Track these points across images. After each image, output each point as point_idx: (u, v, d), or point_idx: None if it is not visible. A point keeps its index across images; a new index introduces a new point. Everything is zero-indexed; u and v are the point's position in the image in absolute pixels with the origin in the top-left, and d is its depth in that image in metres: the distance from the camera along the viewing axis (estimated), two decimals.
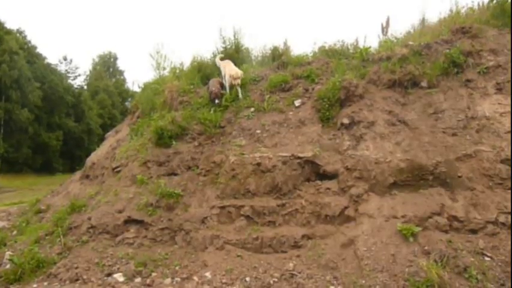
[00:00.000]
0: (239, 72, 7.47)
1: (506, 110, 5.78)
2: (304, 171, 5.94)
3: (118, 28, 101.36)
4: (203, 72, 8.71)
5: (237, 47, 9.21)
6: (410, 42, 7.27)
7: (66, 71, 49.01)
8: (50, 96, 39.21)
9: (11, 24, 60.17)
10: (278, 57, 8.77)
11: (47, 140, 37.86)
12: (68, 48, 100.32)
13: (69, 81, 47.68)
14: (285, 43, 9.25)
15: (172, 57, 9.33)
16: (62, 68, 48.31)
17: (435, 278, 4.08)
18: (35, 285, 4.89)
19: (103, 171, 7.93)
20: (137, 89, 11.58)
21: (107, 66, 58.34)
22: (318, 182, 5.85)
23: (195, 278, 4.82)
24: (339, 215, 5.41)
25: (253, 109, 7.13)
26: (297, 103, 6.98)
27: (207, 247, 5.38)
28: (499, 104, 5.90)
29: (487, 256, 4.54)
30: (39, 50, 44.55)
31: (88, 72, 54.93)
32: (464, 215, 4.98)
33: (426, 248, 4.63)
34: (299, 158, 5.95)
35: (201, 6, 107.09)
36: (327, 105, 6.55)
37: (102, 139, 12.31)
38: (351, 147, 5.92)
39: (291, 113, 6.82)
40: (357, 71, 6.98)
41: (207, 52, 9.81)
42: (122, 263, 5.19)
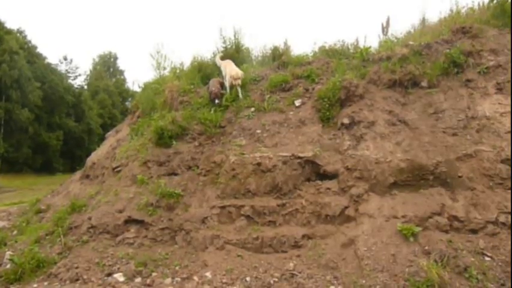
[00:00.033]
0: (239, 73, 7.46)
1: (506, 110, 5.78)
2: (305, 171, 5.94)
3: (118, 28, 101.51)
4: (203, 72, 8.71)
5: (237, 47, 9.21)
6: (410, 42, 7.26)
7: (66, 71, 49.15)
8: (50, 96, 39.23)
9: (11, 24, 60.19)
10: (278, 57, 8.76)
11: (47, 139, 37.88)
12: (68, 48, 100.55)
13: (69, 81, 47.79)
14: (285, 43, 9.24)
15: (172, 57, 9.39)
16: (62, 68, 48.46)
17: (435, 278, 4.08)
18: (35, 285, 4.89)
19: (103, 171, 7.93)
20: (138, 89, 11.58)
21: (107, 66, 58.39)
22: (319, 182, 5.85)
23: (195, 278, 4.82)
24: (340, 215, 5.41)
25: (253, 109, 7.13)
26: (297, 103, 6.98)
27: (207, 247, 5.38)
28: (499, 104, 5.90)
29: (487, 256, 4.54)
30: (40, 50, 44.65)
31: (88, 72, 55.09)
32: (464, 215, 4.98)
33: (427, 248, 4.63)
34: (299, 157, 5.95)
35: (201, 6, 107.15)
36: (328, 105, 6.55)
37: (102, 139, 12.31)
38: (351, 147, 5.92)
39: (291, 113, 6.82)
40: (358, 71, 6.98)
41: (207, 52, 9.83)
42: (123, 262, 5.19)
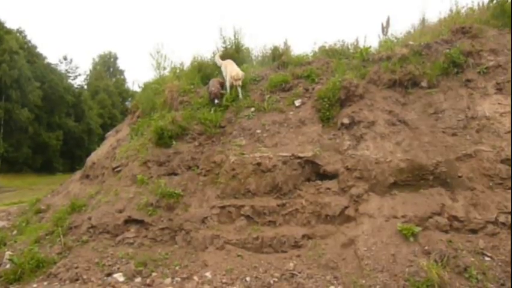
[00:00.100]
0: (240, 73, 7.43)
1: (506, 110, 5.78)
2: (305, 171, 5.94)
3: (118, 28, 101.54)
4: (203, 72, 8.70)
5: (237, 47, 9.19)
6: (410, 42, 7.26)
7: (66, 70, 49.18)
8: (50, 96, 39.24)
9: (11, 24, 60.15)
10: (278, 57, 8.74)
11: (47, 139, 37.90)
12: (68, 48, 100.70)
13: (69, 81, 47.83)
14: (285, 43, 9.22)
15: (172, 57, 9.35)
16: (62, 67, 48.49)
17: (435, 278, 4.08)
18: (35, 285, 4.88)
19: (103, 171, 7.93)
20: (138, 89, 11.55)
21: (107, 66, 58.41)
22: (319, 182, 5.85)
23: (195, 277, 4.82)
24: (340, 215, 5.41)
25: (253, 109, 7.13)
26: (297, 103, 6.97)
27: (207, 247, 5.37)
28: (499, 104, 5.90)
29: (487, 256, 4.54)
30: (40, 49, 44.63)
31: (88, 72, 55.13)
32: (464, 215, 4.98)
33: (427, 248, 4.63)
34: (299, 157, 5.95)
35: (201, 6, 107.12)
36: (328, 105, 6.55)
37: (102, 139, 12.29)
38: (351, 147, 5.92)
39: (291, 113, 6.82)
40: (358, 71, 6.98)
41: (207, 52, 9.78)
42: (122, 262, 5.19)
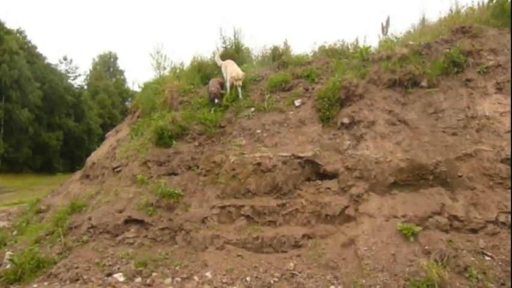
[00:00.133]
0: (240, 74, 7.42)
1: (506, 109, 5.77)
2: (305, 171, 5.94)
3: (118, 28, 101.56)
4: (203, 72, 8.70)
5: (237, 47, 9.20)
6: (410, 42, 7.26)
7: (66, 71, 49.19)
8: (50, 96, 39.25)
9: (11, 24, 60.32)
10: (278, 57, 8.74)
11: (47, 140, 37.90)
12: (68, 48, 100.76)
13: (69, 81, 47.84)
14: (285, 43, 9.22)
15: (172, 57, 9.35)
16: (62, 68, 48.51)
17: (435, 277, 4.08)
18: (35, 285, 4.88)
19: (103, 171, 7.93)
20: (138, 89, 11.57)
21: (107, 66, 58.44)
22: (319, 182, 5.85)
23: (195, 277, 4.82)
24: (340, 215, 5.40)
25: (253, 109, 7.13)
26: (297, 103, 6.97)
27: (207, 247, 5.37)
28: (499, 103, 5.90)
29: (488, 255, 4.54)
30: (40, 50, 44.73)
31: (88, 72, 55.17)
32: (464, 214, 4.98)
33: (427, 248, 4.63)
34: (299, 157, 5.95)
35: (201, 6, 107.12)
36: (327, 105, 6.54)
37: (102, 139, 12.30)
38: (351, 146, 5.92)
39: (291, 113, 6.82)
40: (357, 71, 6.97)
41: (207, 52, 9.81)
42: (123, 262, 5.19)
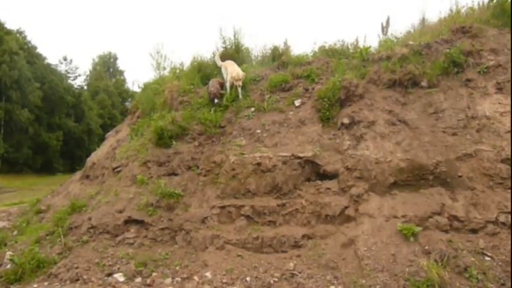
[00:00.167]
0: (240, 74, 7.42)
1: (506, 109, 5.77)
2: (305, 171, 5.94)
3: (118, 28, 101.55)
4: (203, 72, 8.70)
5: (237, 47, 9.21)
6: (410, 42, 7.26)
7: (66, 71, 49.22)
8: (50, 97, 39.25)
9: (11, 24, 60.49)
10: (278, 57, 8.75)
11: (47, 140, 37.91)
12: (68, 48, 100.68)
13: (69, 81, 47.85)
14: (285, 43, 9.24)
15: (172, 57, 9.39)
16: (62, 68, 48.55)
17: (435, 277, 4.08)
18: (35, 285, 4.89)
19: (103, 171, 7.94)
20: (137, 89, 11.59)
21: (107, 66, 58.43)
22: (318, 182, 5.85)
23: (195, 277, 4.82)
24: (340, 215, 5.40)
25: (253, 109, 7.13)
26: (297, 103, 6.97)
27: (207, 247, 5.38)
28: (499, 103, 5.89)
29: (488, 256, 4.54)
30: (39, 50, 44.82)
31: (88, 73, 55.18)
32: (464, 214, 4.98)
33: (427, 248, 4.63)
34: (299, 157, 5.95)
35: (201, 6, 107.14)
36: (327, 105, 6.54)
37: (102, 139, 12.31)
38: (351, 147, 5.92)
39: (291, 113, 6.82)
40: (357, 71, 6.98)
41: (207, 52, 9.82)
42: (123, 263, 5.19)
